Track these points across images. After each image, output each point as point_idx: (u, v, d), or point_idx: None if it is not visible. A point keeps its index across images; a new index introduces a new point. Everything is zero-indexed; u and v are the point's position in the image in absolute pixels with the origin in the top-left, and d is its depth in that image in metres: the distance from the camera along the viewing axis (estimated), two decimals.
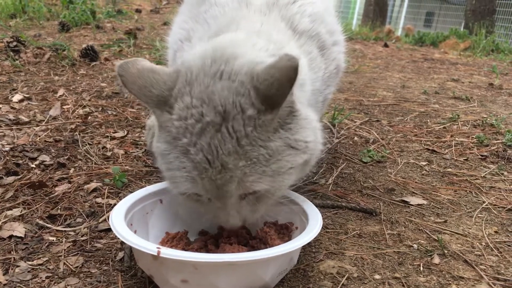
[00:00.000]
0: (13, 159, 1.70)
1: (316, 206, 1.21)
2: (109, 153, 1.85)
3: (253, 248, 1.09)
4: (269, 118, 0.95)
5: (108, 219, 1.31)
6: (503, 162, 1.96)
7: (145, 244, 0.96)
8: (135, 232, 1.09)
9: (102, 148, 1.90)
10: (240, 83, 0.94)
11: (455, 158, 2.00)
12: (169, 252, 0.94)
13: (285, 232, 1.16)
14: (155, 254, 0.93)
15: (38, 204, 1.42)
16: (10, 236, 1.24)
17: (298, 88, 1.09)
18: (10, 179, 1.55)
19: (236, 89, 0.94)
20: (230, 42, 1.07)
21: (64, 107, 2.35)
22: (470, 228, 1.42)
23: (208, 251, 1.11)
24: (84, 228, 1.31)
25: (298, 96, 1.07)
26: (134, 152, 1.88)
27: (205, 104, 0.94)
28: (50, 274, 1.10)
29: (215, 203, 1.02)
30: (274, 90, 0.92)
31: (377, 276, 1.16)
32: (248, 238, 1.14)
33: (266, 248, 1.06)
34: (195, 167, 0.95)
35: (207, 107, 0.94)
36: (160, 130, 1.02)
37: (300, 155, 1.01)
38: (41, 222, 1.33)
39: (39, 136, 1.95)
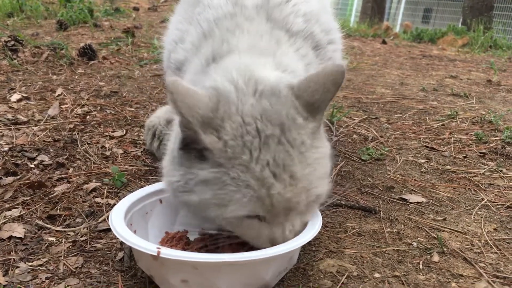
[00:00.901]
0: (12, 159, 1.70)
1: None
2: (108, 153, 1.85)
3: (252, 247, 1.09)
4: (315, 125, 1.00)
5: (107, 219, 1.31)
6: (502, 159, 1.96)
7: (145, 244, 0.96)
8: (134, 232, 1.09)
9: (101, 147, 1.90)
10: (285, 96, 0.98)
11: (454, 156, 2.00)
12: (169, 252, 0.94)
13: None
14: (155, 254, 0.93)
15: (38, 205, 1.42)
16: (10, 237, 1.24)
17: None
18: (9, 179, 1.55)
19: (283, 102, 0.98)
20: (248, 65, 1.07)
21: (62, 106, 2.34)
22: (469, 226, 1.43)
23: (207, 251, 1.11)
24: (83, 228, 1.31)
25: None
26: (133, 152, 1.88)
27: (259, 120, 0.95)
28: (50, 275, 1.10)
29: (272, 222, 0.98)
30: (318, 96, 0.97)
31: (376, 275, 1.16)
32: None
33: None
34: (261, 184, 0.92)
35: (261, 122, 0.95)
36: (201, 155, 0.96)
37: (331, 160, 1.07)
38: (40, 222, 1.32)
39: (38, 136, 1.94)
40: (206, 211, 0.99)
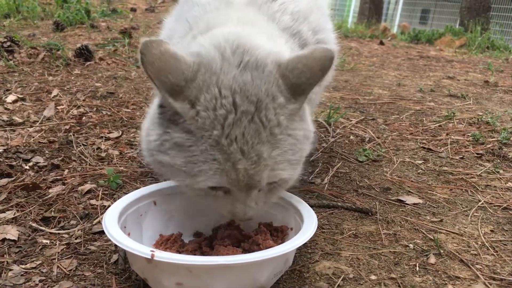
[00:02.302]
0: (7, 160, 1.69)
1: (312, 206, 1.21)
2: (103, 154, 1.84)
3: (246, 250, 1.08)
4: (295, 107, 0.97)
5: (102, 221, 1.30)
6: (498, 160, 1.96)
7: (139, 247, 0.95)
8: (128, 234, 1.08)
9: (97, 149, 1.89)
10: (269, 72, 0.97)
11: (450, 157, 1.99)
12: (163, 255, 0.93)
13: (279, 234, 1.15)
14: (149, 257, 0.92)
15: (32, 207, 1.41)
16: (3, 239, 1.23)
17: None
18: (3, 181, 1.54)
19: (266, 78, 0.96)
20: (238, 34, 1.04)
21: (58, 107, 2.33)
22: (466, 227, 1.42)
23: (202, 253, 1.11)
24: (78, 230, 1.30)
25: None
26: (129, 153, 1.87)
27: (237, 94, 0.93)
28: (44, 278, 1.09)
29: (235, 196, 1.00)
30: (304, 79, 0.95)
31: (373, 277, 1.15)
32: (241, 239, 1.13)
33: (259, 249, 1.05)
34: (227, 159, 0.93)
35: (239, 97, 0.93)
36: (173, 117, 0.97)
37: (309, 145, 1.05)
38: (34, 224, 1.31)
39: (33, 137, 1.93)
40: (177, 178, 1.01)
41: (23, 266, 1.13)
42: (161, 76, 0.93)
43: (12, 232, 1.25)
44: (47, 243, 1.24)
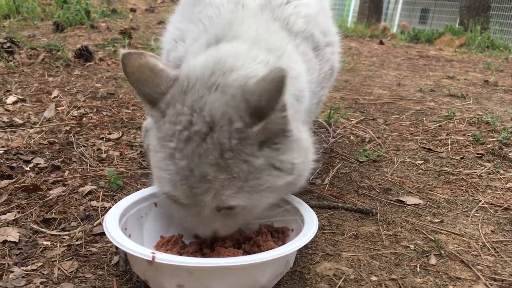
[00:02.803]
0: (7, 162, 1.69)
1: (312, 207, 1.21)
2: (104, 155, 1.84)
3: (247, 251, 1.08)
4: (256, 130, 0.94)
5: (103, 222, 1.30)
6: (499, 160, 1.96)
7: (140, 249, 0.95)
8: (129, 236, 1.08)
9: (97, 150, 1.89)
10: (232, 96, 0.96)
11: (451, 157, 1.99)
12: (164, 257, 0.93)
13: (280, 236, 1.15)
14: (150, 259, 0.92)
15: (32, 208, 1.41)
16: (4, 241, 1.23)
17: (294, 104, 1.12)
18: (4, 182, 1.54)
19: (227, 101, 0.95)
20: (231, 53, 1.08)
21: (58, 108, 2.33)
22: (466, 228, 1.42)
23: (203, 254, 1.10)
24: (78, 232, 1.30)
25: (294, 113, 1.07)
26: (129, 154, 1.87)
27: (196, 113, 0.96)
28: (45, 280, 1.09)
29: (190, 210, 1.02)
30: (264, 102, 0.92)
31: (373, 278, 1.15)
32: (242, 241, 1.13)
33: (260, 250, 1.05)
34: (177, 172, 0.96)
35: (197, 116, 0.95)
36: (154, 126, 1.04)
37: (283, 177, 1.01)
38: (35, 226, 1.32)
39: (34, 139, 1.94)
40: (155, 182, 1.06)
41: (24, 268, 1.13)
42: (139, 86, 1.02)
43: (13, 234, 1.26)
44: (48, 245, 1.24)
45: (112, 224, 1.05)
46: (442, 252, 1.28)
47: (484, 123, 2.46)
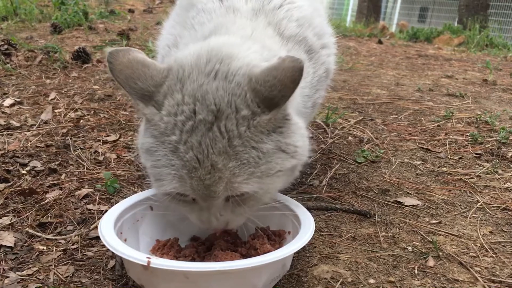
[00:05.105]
0: (4, 165, 1.68)
1: (310, 209, 1.20)
2: (101, 158, 1.83)
3: (243, 254, 1.08)
4: (265, 119, 0.95)
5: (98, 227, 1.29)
6: (497, 160, 1.95)
7: (135, 254, 0.94)
8: (125, 240, 1.08)
9: (94, 152, 1.88)
10: (237, 84, 0.95)
11: (449, 157, 1.99)
12: (159, 262, 0.92)
13: (277, 239, 1.15)
14: (145, 264, 0.91)
15: (28, 212, 1.40)
16: (0, 246, 1.22)
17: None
18: (0, 186, 1.53)
19: (232, 89, 0.94)
20: (226, 43, 1.06)
21: (55, 111, 2.32)
22: (464, 229, 1.42)
23: (199, 257, 1.10)
24: (75, 236, 1.30)
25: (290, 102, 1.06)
26: (126, 156, 1.86)
27: (198, 102, 0.94)
28: (40, 285, 1.09)
29: (199, 204, 1.01)
30: (276, 92, 0.92)
31: (371, 280, 1.15)
32: (238, 244, 1.12)
33: (257, 254, 1.05)
34: (184, 166, 0.94)
35: (200, 105, 0.93)
36: (146, 124, 1.01)
37: (289, 159, 1.01)
38: (31, 230, 1.31)
39: (30, 141, 1.93)
40: (152, 181, 1.03)
41: (20, 273, 1.12)
42: (131, 83, 0.98)
43: (8, 239, 1.25)
44: (43, 249, 1.23)
45: (107, 228, 1.05)
46: (440, 253, 1.27)
47: (483, 122, 2.45)
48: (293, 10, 1.33)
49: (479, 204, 1.57)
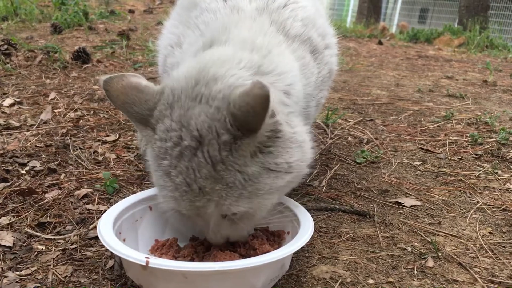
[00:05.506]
0: (3, 165, 1.68)
1: (310, 209, 1.20)
2: (100, 158, 1.83)
3: (242, 255, 1.07)
4: (245, 142, 0.94)
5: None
6: (497, 161, 1.95)
7: (134, 254, 0.94)
8: (124, 240, 1.07)
9: (94, 152, 1.88)
10: (216, 109, 0.94)
11: (449, 158, 1.99)
12: (158, 262, 0.92)
13: (276, 239, 1.15)
14: (144, 264, 0.91)
15: (27, 212, 1.40)
16: None
17: (283, 100, 1.10)
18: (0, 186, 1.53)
19: (212, 114, 0.94)
20: (216, 60, 1.05)
21: (55, 111, 2.32)
22: (464, 230, 1.41)
23: (198, 257, 1.10)
24: (73, 236, 1.29)
25: (283, 109, 1.06)
26: (126, 156, 1.86)
27: (184, 128, 0.95)
28: (39, 285, 1.08)
29: (198, 221, 1.04)
30: (250, 118, 0.91)
31: (370, 281, 1.15)
32: (237, 244, 1.12)
33: (256, 254, 1.05)
34: (176, 188, 0.97)
35: (186, 131, 0.95)
36: (147, 144, 1.05)
37: (282, 177, 1.01)
38: (30, 230, 1.31)
39: (30, 141, 1.93)
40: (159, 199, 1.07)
41: (18, 273, 1.12)
42: (128, 108, 1.01)
43: (7, 238, 1.25)
44: (42, 249, 1.23)
45: (106, 228, 1.04)
46: (440, 254, 1.27)
47: (483, 123, 2.45)
48: (298, 10, 1.33)
49: (478, 204, 1.57)
